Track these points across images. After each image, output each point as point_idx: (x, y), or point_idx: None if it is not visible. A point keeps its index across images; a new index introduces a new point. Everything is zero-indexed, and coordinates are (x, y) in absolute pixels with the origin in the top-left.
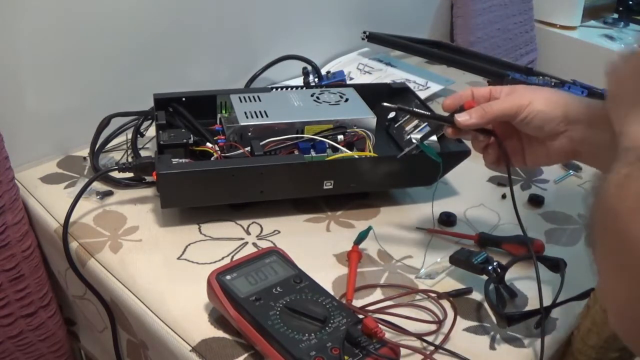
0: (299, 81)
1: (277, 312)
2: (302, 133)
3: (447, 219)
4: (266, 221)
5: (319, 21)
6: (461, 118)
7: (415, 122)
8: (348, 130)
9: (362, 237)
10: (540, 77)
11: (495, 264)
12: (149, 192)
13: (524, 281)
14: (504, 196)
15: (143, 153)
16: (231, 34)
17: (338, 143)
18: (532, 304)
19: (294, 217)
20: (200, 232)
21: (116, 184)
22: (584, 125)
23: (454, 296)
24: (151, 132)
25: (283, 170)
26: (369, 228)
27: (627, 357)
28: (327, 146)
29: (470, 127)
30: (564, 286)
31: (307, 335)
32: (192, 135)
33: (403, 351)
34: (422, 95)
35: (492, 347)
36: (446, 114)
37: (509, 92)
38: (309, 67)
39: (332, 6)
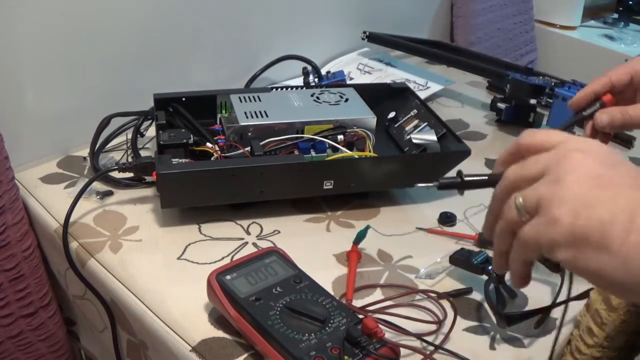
0: (299, 81)
1: (277, 312)
2: (302, 133)
3: (447, 219)
4: (266, 221)
5: (319, 21)
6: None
7: (416, 121)
8: (348, 130)
9: (360, 236)
10: (541, 77)
11: None
12: (149, 192)
13: None
14: None
15: (143, 153)
16: (231, 34)
17: (338, 143)
18: (532, 304)
19: (294, 217)
20: (200, 232)
21: (116, 184)
22: None
23: (454, 296)
24: (151, 132)
25: (283, 170)
26: (367, 227)
27: (626, 356)
28: (327, 146)
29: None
30: (564, 286)
31: (307, 335)
32: (192, 135)
33: (403, 351)
34: (422, 95)
35: (492, 347)
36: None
37: None
38: (309, 67)
39: (332, 6)
